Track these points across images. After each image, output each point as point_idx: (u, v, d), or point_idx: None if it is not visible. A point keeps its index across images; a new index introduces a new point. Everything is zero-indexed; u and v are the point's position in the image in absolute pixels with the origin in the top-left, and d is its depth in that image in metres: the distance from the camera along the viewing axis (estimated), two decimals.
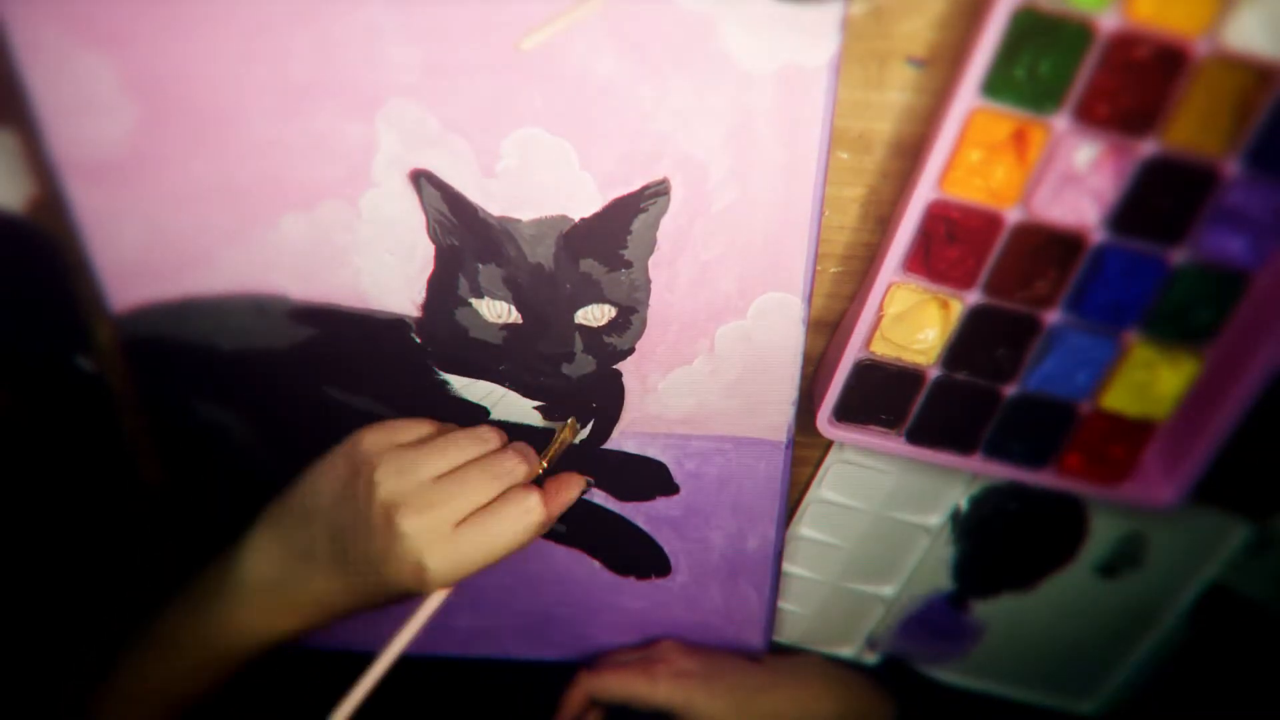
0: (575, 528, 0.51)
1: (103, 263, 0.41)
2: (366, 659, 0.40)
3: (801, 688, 0.53)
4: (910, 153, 0.41)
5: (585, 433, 0.47)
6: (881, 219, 0.43)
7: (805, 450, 0.50)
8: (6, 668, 0.45)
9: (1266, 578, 0.51)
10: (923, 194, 0.38)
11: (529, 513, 0.39)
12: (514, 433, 0.43)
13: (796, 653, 0.58)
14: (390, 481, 0.38)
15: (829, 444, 0.50)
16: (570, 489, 0.42)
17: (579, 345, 0.44)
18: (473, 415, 0.47)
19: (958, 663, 0.58)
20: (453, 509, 0.38)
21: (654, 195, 0.40)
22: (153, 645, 0.42)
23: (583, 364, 0.45)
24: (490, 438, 0.41)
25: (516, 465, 0.40)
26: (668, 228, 0.41)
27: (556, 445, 0.43)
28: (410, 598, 0.40)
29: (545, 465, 0.42)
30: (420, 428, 0.41)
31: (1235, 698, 0.55)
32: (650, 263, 0.42)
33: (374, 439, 0.40)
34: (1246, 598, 0.52)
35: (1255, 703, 0.53)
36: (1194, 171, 0.37)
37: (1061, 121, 0.37)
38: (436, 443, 0.40)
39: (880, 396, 0.45)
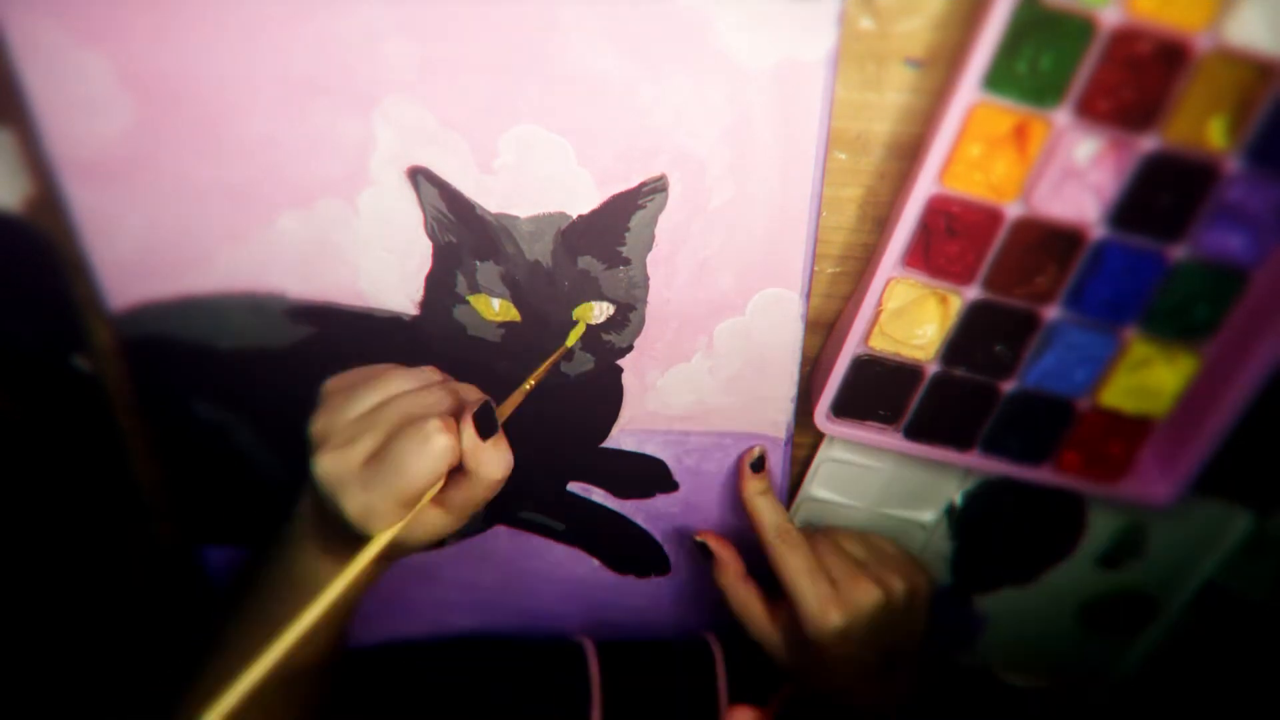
0: (574, 526, 0.51)
1: (101, 262, 0.41)
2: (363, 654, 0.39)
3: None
4: (908, 154, 0.41)
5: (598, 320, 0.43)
6: (879, 220, 0.43)
7: (801, 451, 0.50)
8: (4, 668, 0.45)
9: (1262, 579, 0.52)
10: (923, 188, 0.38)
11: (427, 439, 0.35)
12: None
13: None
14: (320, 422, 0.37)
15: (819, 441, 0.50)
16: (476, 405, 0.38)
17: (577, 343, 0.44)
18: None
19: (962, 656, 0.58)
20: (361, 446, 0.36)
21: (652, 192, 0.40)
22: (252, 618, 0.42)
23: (581, 362, 0.45)
24: (430, 375, 0.39)
25: (439, 399, 0.37)
26: (666, 224, 0.41)
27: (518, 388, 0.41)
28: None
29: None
30: (376, 368, 0.39)
31: (1236, 690, 0.55)
32: (649, 259, 0.42)
33: (334, 381, 0.39)
34: (1243, 598, 0.52)
35: (1254, 696, 0.54)
36: (1194, 167, 0.37)
37: (1063, 116, 0.37)
38: (371, 381, 0.38)
39: (878, 392, 0.45)
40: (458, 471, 0.37)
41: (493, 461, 0.37)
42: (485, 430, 0.37)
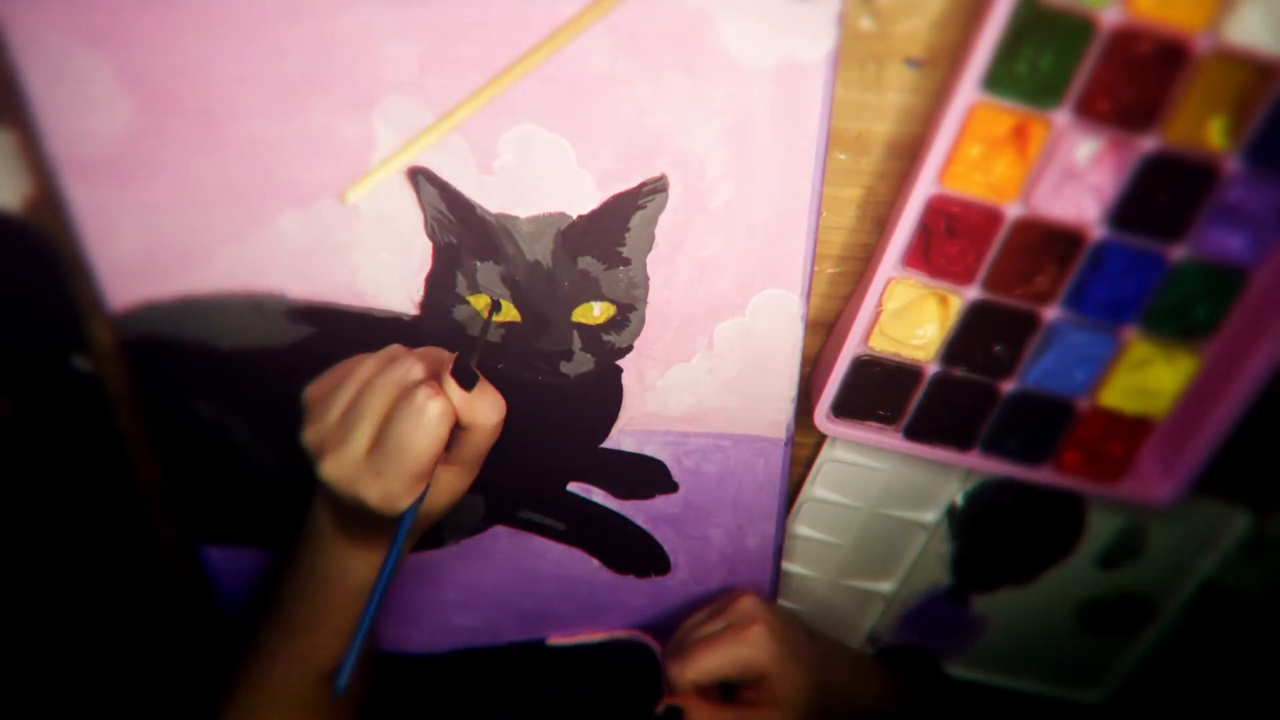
0: (574, 526, 0.51)
1: (100, 262, 0.41)
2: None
3: (853, 668, 0.54)
4: (908, 154, 0.41)
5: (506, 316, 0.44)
6: (879, 220, 0.43)
7: (801, 450, 0.50)
8: (4, 668, 0.45)
9: (1262, 578, 0.52)
10: (923, 188, 0.38)
11: (421, 410, 0.36)
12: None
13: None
14: (310, 431, 0.38)
15: (821, 442, 0.50)
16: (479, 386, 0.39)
17: (577, 343, 0.44)
18: None
19: (961, 656, 0.58)
20: (358, 439, 0.37)
21: (652, 192, 0.40)
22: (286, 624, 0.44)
23: (581, 362, 0.45)
24: (394, 351, 0.39)
25: (410, 369, 0.37)
26: (666, 224, 0.41)
27: (479, 334, 0.42)
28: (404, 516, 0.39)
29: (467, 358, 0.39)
30: (343, 364, 0.40)
31: (1236, 690, 0.55)
32: (649, 260, 0.42)
33: (311, 389, 0.39)
34: (1243, 598, 0.52)
35: (1254, 697, 0.54)
36: (1194, 168, 0.37)
37: (1062, 117, 0.37)
38: (343, 377, 0.39)
39: (878, 392, 0.45)
40: (457, 429, 0.38)
41: (486, 408, 0.38)
42: (466, 382, 0.38)
